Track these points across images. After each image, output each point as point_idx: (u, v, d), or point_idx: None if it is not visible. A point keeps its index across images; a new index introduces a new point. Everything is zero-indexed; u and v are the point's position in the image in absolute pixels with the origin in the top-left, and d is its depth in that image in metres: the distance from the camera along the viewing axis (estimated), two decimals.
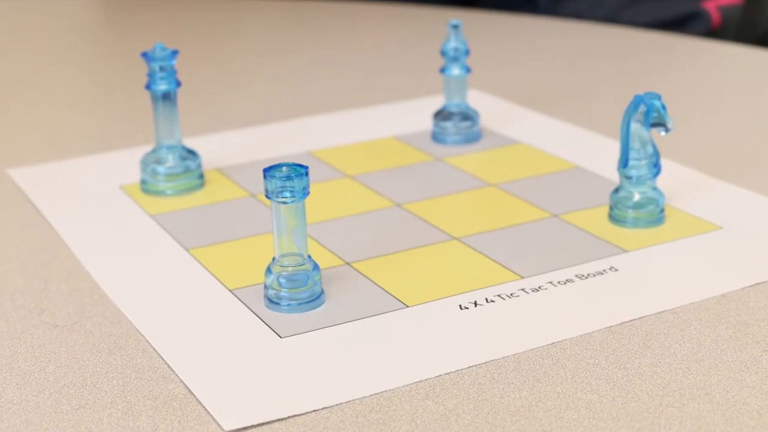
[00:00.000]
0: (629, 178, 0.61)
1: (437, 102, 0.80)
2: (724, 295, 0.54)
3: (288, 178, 0.51)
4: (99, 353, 0.50)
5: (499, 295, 0.54)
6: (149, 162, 0.68)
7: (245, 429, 0.45)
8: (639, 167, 0.61)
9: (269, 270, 0.53)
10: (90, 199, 0.68)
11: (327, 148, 0.75)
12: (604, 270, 0.56)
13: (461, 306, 0.53)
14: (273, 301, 0.53)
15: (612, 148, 0.72)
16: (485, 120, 0.78)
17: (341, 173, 0.71)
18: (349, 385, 0.47)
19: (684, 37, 1.03)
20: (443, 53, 0.74)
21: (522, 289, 0.55)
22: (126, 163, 0.73)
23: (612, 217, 0.62)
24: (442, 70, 0.75)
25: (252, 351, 0.50)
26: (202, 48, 1.04)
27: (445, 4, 1.19)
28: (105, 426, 0.45)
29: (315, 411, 0.45)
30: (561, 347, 0.50)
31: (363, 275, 0.56)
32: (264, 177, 0.52)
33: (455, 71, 0.74)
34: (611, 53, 0.99)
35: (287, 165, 0.52)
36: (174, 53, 0.66)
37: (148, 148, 0.71)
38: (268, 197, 0.52)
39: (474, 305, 0.53)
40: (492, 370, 0.48)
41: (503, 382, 0.47)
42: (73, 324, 0.53)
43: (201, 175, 0.69)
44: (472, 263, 0.58)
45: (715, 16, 1.12)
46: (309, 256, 0.53)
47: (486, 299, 0.54)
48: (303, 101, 0.87)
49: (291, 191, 0.51)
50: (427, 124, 0.78)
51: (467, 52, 0.74)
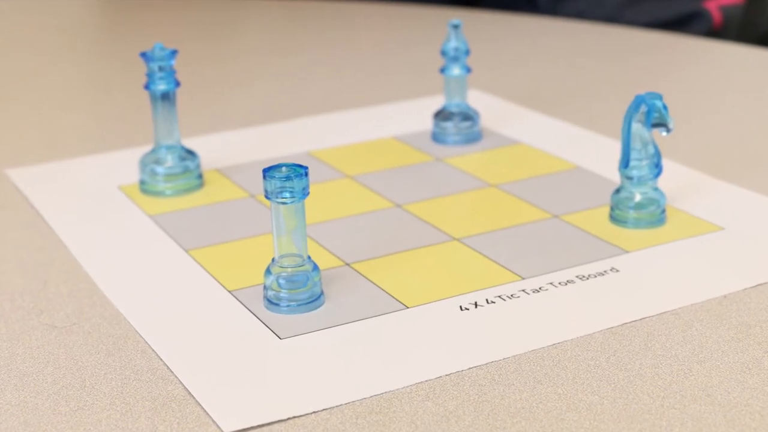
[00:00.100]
0: (630, 178, 0.61)
1: (437, 102, 0.80)
2: (725, 296, 0.54)
3: (287, 178, 0.51)
4: (98, 354, 0.50)
5: (500, 296, 0.54)
6: (148, 162, 0.68)
7: (245, 430, 0.44)
8: (640, 168, 0.60)
9: (269, 271, 0.53)
10: (89, 200, 0.68)
11: (327, 148, 0.75)
12: (605, 271, 0.56)
13: (461, 307, 0.53)
14: (272, 302, 0.53)
15: (613, 148, 0.71)
16: (485, 120, 0.78)
17: (341, 173, 0.70)
18: (349, 387, 0.47)
19: (685, 37, 1.03)
20: (443, 53, 0.74)
21: (522, 290, 0.54)
22: (125, 164, 0.73)
23: (613, 218, 0.62)
24: (442, 70, 0.75)
25: (251, 352, 0.50)
26: (201, 48, 1.04)
27: (446, 3, 1.19)
28: (104, 427, 0.45)
29: (315, 412, 0.45)
30: (562, 348, 0.49)
31: (363, 276, 0.56)
32: (263, 177, 0.51)
33: (455, 71, 0.74)
34: (612, 53, 0.99)
35: (287, 165, 0.52)
36: (173, 53, 0.66)
37: (147, 148, 0.71)
38: (267, 198, 0.52)
39: (474, 306, 0.53)
40: (492, 371, 0.48)
41: (504, 383, 0.47)
42: (72, 325, 0.53)
43: (200, 176, 0.69)
44: (472, 264, 0.57)
45: (717, 15, 1.12)
46: (309, 256, 0.53)
47: (486, 300, 0.54)
48: (303, 101, 0.87)
49: (290, 192, 0.51)
50: (428, 124, 0.78)
51: (467, 52, 0.74)
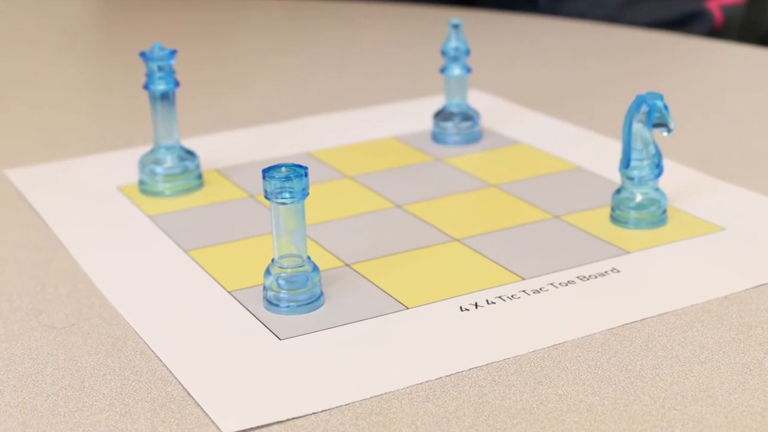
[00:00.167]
0: (631, 178, 0.61)
1: (437, 102, 0.80)
2: (726, 297, 0.53)
3: (287, 178, 0.51)
4: (97, 355, 0.50)
5: (500, 297, 0.54)
6: (147, 162, 0.68)
7: (244, 431, 0.44)
8: (641, 168, 0.60)
9: (268, 271, 0.53)
10: (88, 200, 0.68)
11: (326, 148, 0.75)
12: (605, 271, 0.56)
13: (462, 307, 0.53)
14: (272, 303, 0.53)
15: (614, 148, 0.71)
16: (486, 120, 0.78)
17: (341, 174, 0.70)
18: (349, 388, 0.47)
19: (686, 37, 1.03)
20: (444, 53, 0.74)
21: (523, 291, 0.54)
22: (124, 164, 0.73)
23: (614, 218, 0.61)
24: (442, 70, 0.74)
25: (251, 353, 0.50)
26: (200, 48, 1.04)
27: (446, 3, 1.19)
28: (103, 428, 0.45)
29: (314, 413, 0.45)
30: (562, 349, 0.49)
31: (363, 277, 0.56)
32: (263, 178, 0.51)
33: (456, 71, 0.74)
34: (613, 53, 0.99)
35: (286, 165, 0.52)
36: (172, 53, 0.66)
37: (146, 148, 0.71)
38: (267, 198, 0.52)
39: (474, 307, 0.53)
40: (493, 372, 0.48)
41: (504, 384, 0.47)
42: (71, 326, 0.53)
43: (200, 176, 0.69)
44: (472, 264, 0.57)
45: (718, 15, 1.12)
46: (308, 257, 0.53)
47: (487, 301, 0.53)
48: (302, 101, 0.87)
49: (290, 192, 0.51)
50: (428, 124, 0.78)
51: (468, 51, 0.74)
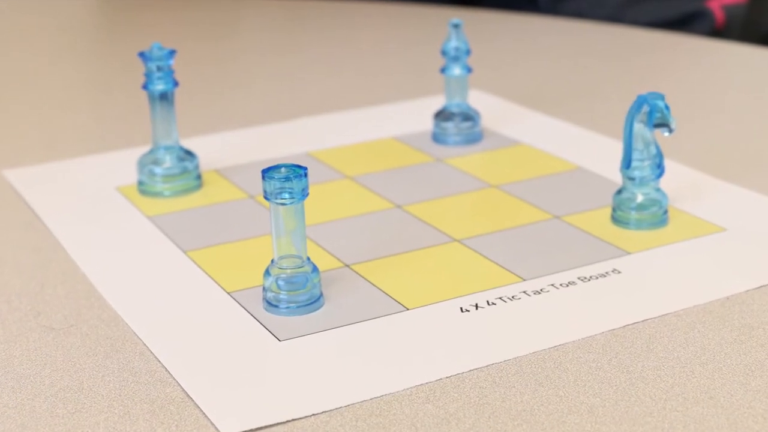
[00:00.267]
0: (632, 179, 0.60)
1: (438, 102, 0.80)
2: (728, 298, 0.53)
3: (287, 179, 0.51)
4: (96, 356, 0.50)
5: (501, 298, 0.54)
6: (146, 163, 0.68)
7: None
8: (642, 168, 0.60)
9: (268, 272, 0.53)
10: (87, 201, 0.67)
11: (326, 148, 0.75)
12: (606, 272, 0.56)
13: (462, 308, 0.53)
14: (272, 304, 0.53)
15: (615, 148, 0.71)
16: (486, 120, 0.78)
17: (341, 174, 0.70)
18: (349, 389, 0.47)
19: (688, 37, 1.03)
20: (444, 53, 0.74)
21: (523, 292, 0.54)
22: (123, 164, 0.72)
23: (615, 219, 0.61)
24: (442, 69, 0.74)
25: (250, 354, 0.50)
26: (200, 48, 1.04)
27: (446, 3, 1.19)
28: (102, 430, 0.45)
29: (314, 415, 0.45)
30: (563, 350, 0.49)
31: (363, 277, 0.56)
32: (263, 178, 0.51)
33: (456, 71, 0.74)
34: (614, 53, 0.99)
35: (286, 166, 0.52)
36: (171, 53, 0.66)
37: (145, 148, 0.71)
38: (266, 198, 0.52)
39: (475, 308, 0.53)
40: (493, 373, 0.48)
41: (505, 385, 0.47)
42: (70, 327, 0.53)
43: (199, 176, 0.69)
44: (472, 265, 0.57)
45: (719, 15, 1.12)
46: (308, 258, 0.53)
47: (487, 302, 0.53)
48: (302, 101, 0.86)
49: (290, 192, 0.51)
50: (428, 124, 0.78)
51: (468, 51, 0.74)
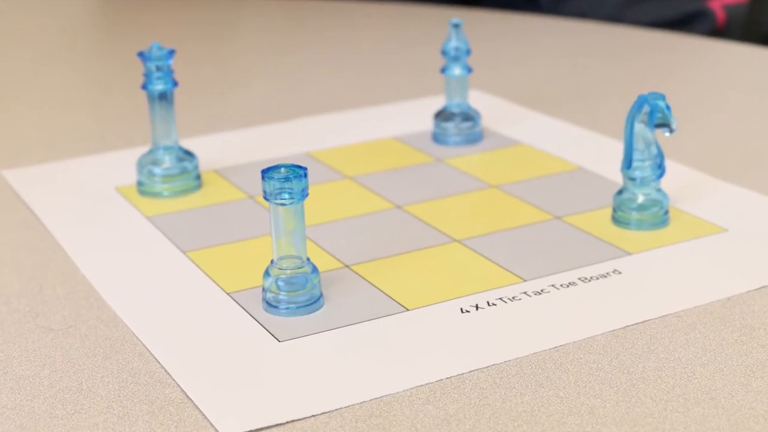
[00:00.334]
0: (633, 179, 0.60)
1: (438, 102, 0.80)
2: (729, 299, 0.53)
3: (287, 179, 0.51)
4: (95, 357, 0.50)
5: (501, 298, 0.54)
6: (146, 163, 0.67)
7: None
8: (643, 168, 0.60)
9: (267, 273, 0.53)
10: (86, 201, 0.67)
11: (326, 149, 0.75)
12: (607, 273, 0.56)
13: (462, 309, 0.53)
14: (271, 305, 0.53)
15: (615, 149, 0.71)
16: (487, 120, 0.78)
17: (340, 174, 0.70)
18: (349, 390, 0.47)
19: (688, 37, 1.03)
20: (444, 53, 0.74)
21: (524, 292, 0.54)
22: (122, 164, 0.72)
23: (615, 219, 0.61)
24: (443, 69, 0.74)
25: (250, 355, 0.50)
26: (199, 47, 1.04)
27: (446, 3, 1.19)
28: (101, 431, 0.44)
29: (314, 416, 0.45)
30: (564, 351, 0.49)
31: (362, 278, 0.56)
32: (262, 178, 0.51)
33: (456, 71, 0.74)
34: (614, 53, 0.98)
35: (286, 166, 0.52)
36: (171, 53, 0.66)
37: (144, 149, 0.71)
38: (266, 199, 0.51)
39: (475, 308, 0.53)
40: (494, 374, 0.48)
41: (505, 386, 0.47)
42: (69, 327, 0.53)
43: (198, 177, 0.69)
44: (473, 266, 0.57)
45: (720, 15, 1.12)
46: (308, 258, 0.53)
47: (487, 302, 0.53)
48: (302, 101, 0.86)
49: (290, 193, 0.51)
50: (428, 124, 0.77)
51: (468, 51, 0.74)
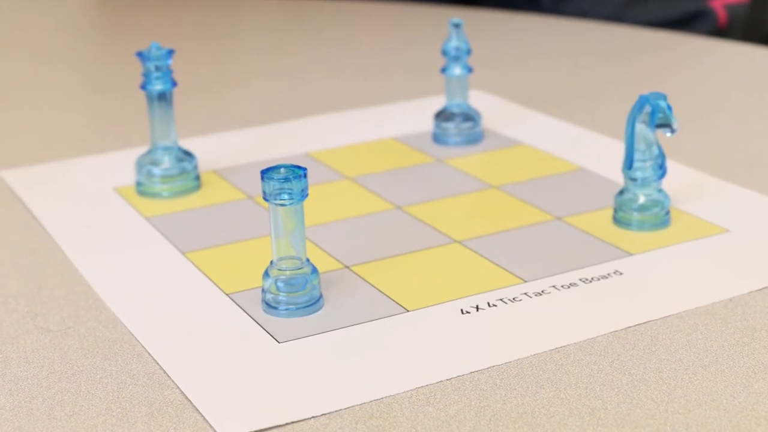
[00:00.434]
0: (634, 179, 0.60)
1: (438, 102, 0.80)
2: (730, 299, 0.53)
3: (286, 179, 0.51)
4: (93, 358, 0.50)
5: (502, 299, 0.53)
6: (145, 163, 0.67)
7: None
8: (644, 169, 0.60)
9: (267, 274, 0.53)
10: (84, 202, 0.67)
11: (326, 149, 0.75)
12: (608, 274, 0.56)
13: (463, 310, 0.53)
14: (271, 306, 0.53)
15: (616, 149, 0.71)
16: (487, 121, 0.78)
17: (340, 175, 0.70)
18: (349, 391, 0.47)
19: (690, 36, 1.03)
20: (444, 52, 0.73)
21: (525, 293, 0.54)
22: (121, 165, 0.72)
23: (616, 220, 0.61)
24: (443, 69, 0.74)
25: (249, 356, 0.49)
26: (198, 47, 1.04)
27: (447, 2, 1.19)
28: None
29: (314, 417, 0.45)
30: (564, 352, 0.49)
31: (362, 279, 0.56)
32: (262, 179, 0.51)
33: (457, 71, 0.74)
34: (615, 53, 0.98)
35: (285, 166, 0.51)
36: (170, 53, 0.66)
37: (143, 149, 0.71)
38: (266, 199, 0.51)
39: (476, 309, 0.53)
40: (494, 375, 0.47)
41: (505, 387, 0.46)
42: (67, 329, 0.53)
43: (197, 177, 0.69)
44: (473, 267, 0.57)
45: (722, 14, 1.12)
46: (307, 259, 0.53)
47: (488, 303, 0.53)
48: (301, 101, 0.86)
49: (289, 193, 0.51)
50: (428, 124, 0.77)
51: (469, 51, 0.74)
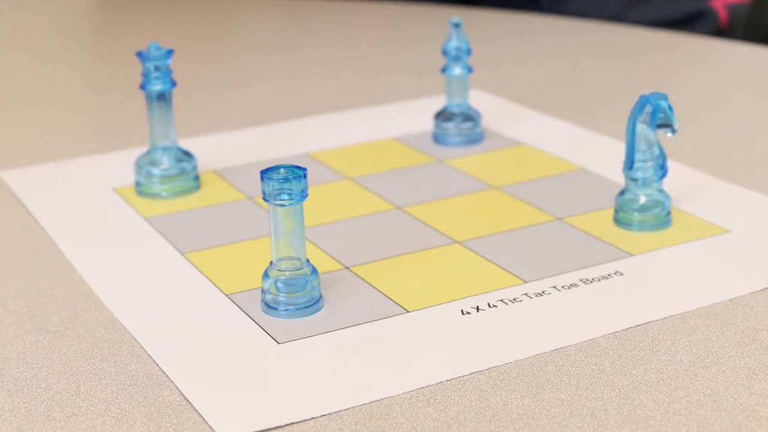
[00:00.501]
0: (635, 180, 0.60)
1: (438, 102, 0.79)
2: (731, 300, 0.53)
3: (286, 180, 0.51)
4: (92, 359, 0.50)
5: (502, 300, 0.53)
6: (144, 164, 0.67)
7: None
8: (645, 169, 0.60)
9: (267, 274, 0.53)
10: (84, 202, 0.67)
11: (326, 149, 0.75)
12: (609, 274, 0.56)
13: (463, 311, 0.53)
14: (270, 306, 0.53)
15: (617, 149, 0.71)
16: (487, 121, 0.78)
17: (340, 175, 0.70)
18: (349, 392, 0.46)
19: (691, 36, 1.03)
20: (445, 52, 0.73)
21: (525, 294, 0.54)
22: (120, 165, 0.72)
23: (617, 220, 0.61)
24: (443, 69, 0.74)
25: (249, 357, 0.49)
26: (198, 47, 1.04)
27: (447, 2, 1.19)
28: None
29: (313, 418, 0.45)
30: (565, 353, 0.49)
31: (362, 279, 0.56)
32: (261, 179, 0.51)
33: (457, 71, 0.74)
34: (616, 52, 0.98)
35: (285, 167, 0.51)
36: (169, 52, 0.66)
37: (142, 149, 0.71)
38: (265, 200, 0.51)
39: (476, 310, 0.53)
40: (494, 376, 0.47)
41: (506, 388, 0.46)
42: (66, 329, 0.53)
43: (197, 177, 0.69)
44: (473, 267, 0.57)
45: (723, 14, 1.12)
46: (307, 260, 0.53)
47: (488, 304, 0.53)
48: (301, 101, 0.86)
49: (289, 194, 0.51)
50: (428, 124, 0.77)
51: (469, 51, 0.73)
